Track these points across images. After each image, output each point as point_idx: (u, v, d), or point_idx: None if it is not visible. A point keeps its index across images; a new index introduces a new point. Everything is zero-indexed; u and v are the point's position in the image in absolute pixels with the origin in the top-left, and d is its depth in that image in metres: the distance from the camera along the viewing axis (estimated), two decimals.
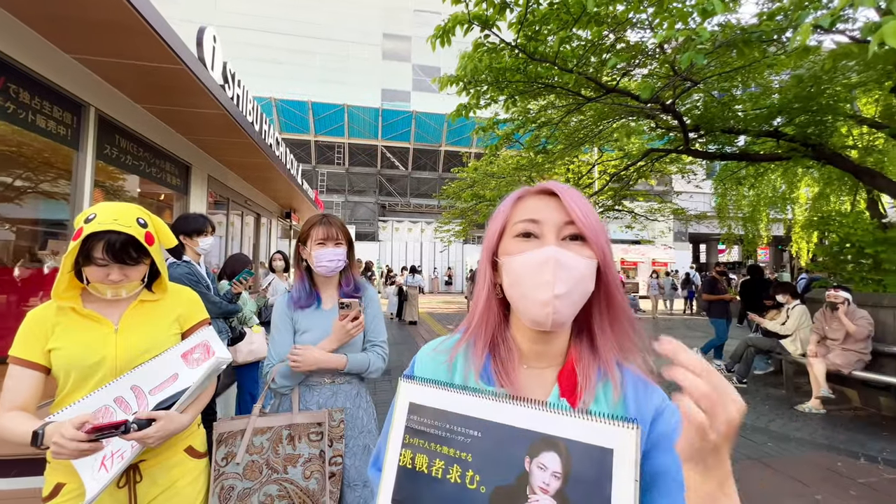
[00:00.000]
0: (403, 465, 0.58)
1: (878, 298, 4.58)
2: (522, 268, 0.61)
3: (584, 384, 0.62)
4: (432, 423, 0.59)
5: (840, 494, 2.87)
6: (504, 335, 0.68)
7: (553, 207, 0.64)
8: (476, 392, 0.58)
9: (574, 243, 0.62)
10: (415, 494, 0.56)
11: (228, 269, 3.18)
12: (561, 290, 0.58)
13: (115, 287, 1.15)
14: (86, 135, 3.18)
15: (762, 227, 12.75)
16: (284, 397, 1.49)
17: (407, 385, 0.63)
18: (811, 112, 5.19)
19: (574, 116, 6.20)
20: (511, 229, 0.66)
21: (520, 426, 0.54)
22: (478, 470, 0.54)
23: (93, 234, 1.07)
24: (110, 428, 0.98)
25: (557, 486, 0.50)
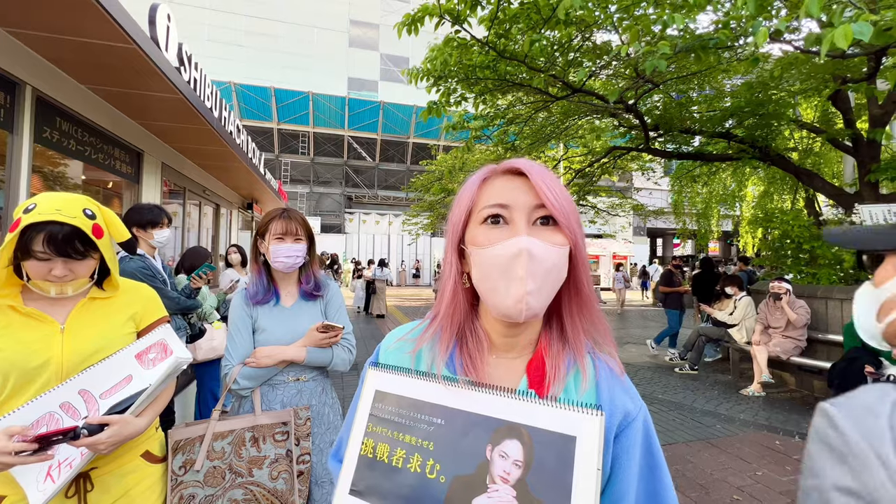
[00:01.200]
0: (364, 454, 0.57)
1: (813, 290, 4.99)
2: (492, 261, 0.57)
3: (553, 375, 0.59)
4: (397, 411, 0.57)
5: (778, 470, 3.12)
6: (472, 325, 0.65)
7: (522, 189, 0.59)
8: (443, 379, 0.57)
9: (545, 228, 0.58)
10: (373, 484, 0.55)
11: (187, 262, 3.03)
12: (533, 286, 0.55)
13: (60, 284, 1.06)
14: (21, 116, 2.91)
15: (713, 222, 13.55)
16: (245, 399, 1.45)
17: (374, 372, 0.61)
18: (759, 116, 5.54)
19: (541, 113, 6.31)
20: (477, 214, 0.61)
21: (483, 413, 0.53)
22: (438, 459, 0.53)
23: (32, 225, 0.98)
24: (57, 435, 0.91)
25: (518, 474, 0.49)
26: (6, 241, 0.99)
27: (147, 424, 1.10)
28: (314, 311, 1.55)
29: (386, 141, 23.41)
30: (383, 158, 23.96)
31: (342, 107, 21.56)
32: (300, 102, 20.94)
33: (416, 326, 0.71)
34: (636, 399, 0.61)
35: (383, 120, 22.31)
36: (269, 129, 21.56)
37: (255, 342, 1.46)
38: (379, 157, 23.78)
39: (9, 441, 0.87)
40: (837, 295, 4.78)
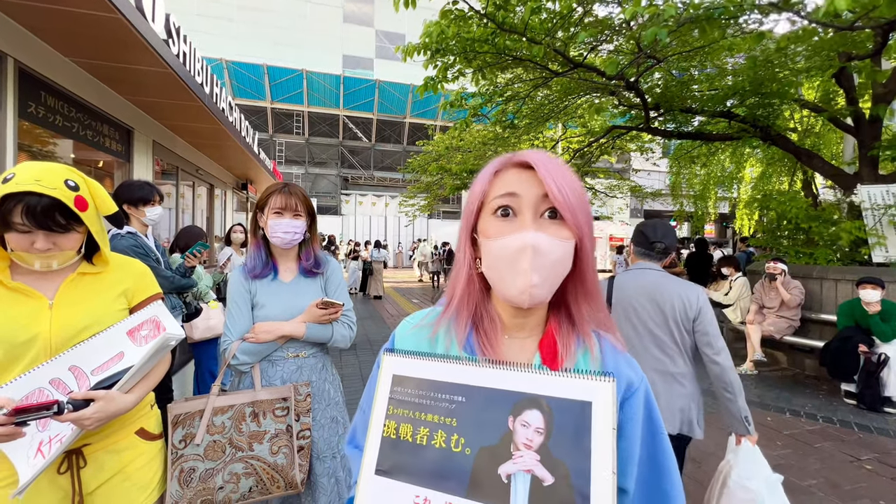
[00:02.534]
0: (387, 435, 0.59)
1: (809, 270, 5.02)
2: (499, 253, 0.61)
3: (565, 352, 0.64)
4: (416, 393, 0.60)
5: (768, 445, 3.19)
6: (486, 307, 0.69)
7: (531, 182, 0.61)
8: (460, 359, 0.60)
9: (552, 222, 0.61)
10: (399, 462, 0.57)
11: (181, 242, 2.99)
12: (538, 278, 0.58)
13: (44, 257, 1.02)
14: (4, 89, 2.81)
15: (711, 204, 13.54)
16: (245, 375, 1.44)
17: (390, 358, 0.63)
18: (761, 95, 5.46)
19: (540, 91, 6.19)
20: (489, 205, 0.64)
21: (503, 388, 0.56)
22: (462, 433, 0.56)
23: (10, 195, 0.93)
24: (39, 409, 0.89)
25: (541, 440, 0.53)
26: None
27: (136, 401, 1.08)
28: (314, 287, 1.53)
29: (382, 121, 23.02)
30: (379, 139, 23.61)
31: (337, 85, 21.09)
32: (294, 80, 20.45)
33: (429, 313, 0.74)
34: (638, 371, 0.67)
35: (379, 99, 21.88)
36: (262, 109, 21.13)
37: (253, 318, 1.44)
38: (375, 138, 23.43)
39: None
40: (832, 275, 4.82)
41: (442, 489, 0.54)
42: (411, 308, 9.22)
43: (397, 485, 0.56)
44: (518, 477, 0.52)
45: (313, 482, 1.40)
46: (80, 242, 1.08)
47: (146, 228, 2.38)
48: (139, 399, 1.09)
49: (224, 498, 1.23)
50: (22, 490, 0.92)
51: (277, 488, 1.27)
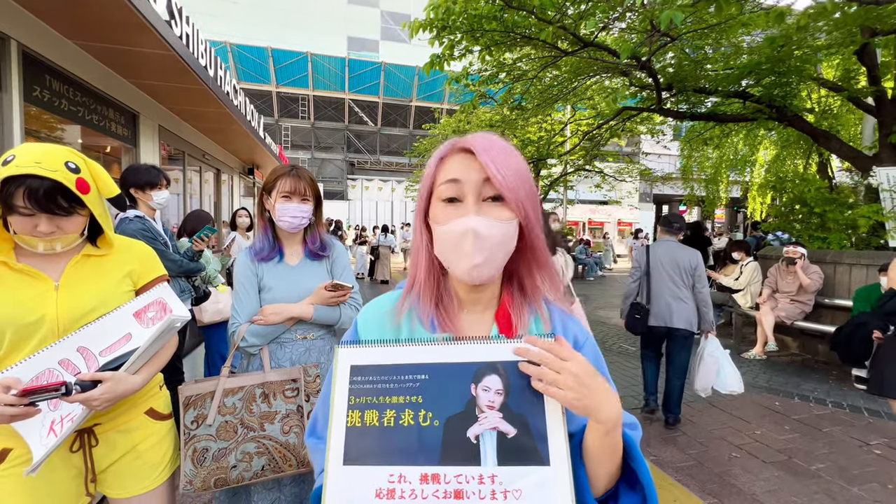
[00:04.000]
0: (352, 425, 0.60)
1: (823, 255, 4.93)
2: (445, 237, 0.65)
3: (518, 321, 0.69)
4: (378, 379, 0.62)
5: (776, 430, 3.19)
6: (445, 286, 0.72)
7: (473, 166, 0.63)
8: (418, 341, 0.63)
9: (494, 204, 0.63)
10: (368, 449, 0.59)
11: (189, 226, 3.00)
12: (480, 259, 0.62)
13: (48, 240, 1.01)
14: (8, 72, 2.80)
15: (722, 188, 13.28)
16: (254, 357, 1.45)
17: (345, 350, 0.64)
18: (778, 73, 5.28)
19: (549, 71, 6.04)
20: (436, 191, 0.67)
21: (463, 361, 0.61)
22: (429, 408, 0.59)
23: (11, 178, 0.92)
24: (48, 390, 0.90)
25: (501, 400, 0.58)
26: None
27: (143, 382, 1.08)
28: (320, 270, 1.52)
29: (388, 104, 22.76)
30: (385, 123, 23.38)
31: (342, 68, 20.82)
32: (299, 64, 20.21)
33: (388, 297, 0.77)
34: (583, 330, 0.75)
35: (385, 82, 21.59)
36: (267, 93, 20.97)
37: (260, 301, 1.44)
38: (381, 122, 23.21)
39: (3, 394, 0.86)
40: (847, 260, 4.72)
41: (415, 463, 0.57)
42: None
43: (368, 469, 0.58)
44: (486, 435, 0.57)
45: None
46: (83, 225, 1.07)
47: (154, 212, 2.38)
48: (146, 380, 1.10)
49: (237, 476, 1.25)
50: (35, 468, 0.93)
51: (290, 467, 1.29)
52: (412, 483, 0.56)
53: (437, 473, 0.57)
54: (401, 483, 0.57)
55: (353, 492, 0.57)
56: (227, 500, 1.42)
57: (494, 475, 0.56)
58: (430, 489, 0.56)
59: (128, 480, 1.15)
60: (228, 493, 1.41)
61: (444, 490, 0.56)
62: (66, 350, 1.02)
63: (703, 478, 2.56)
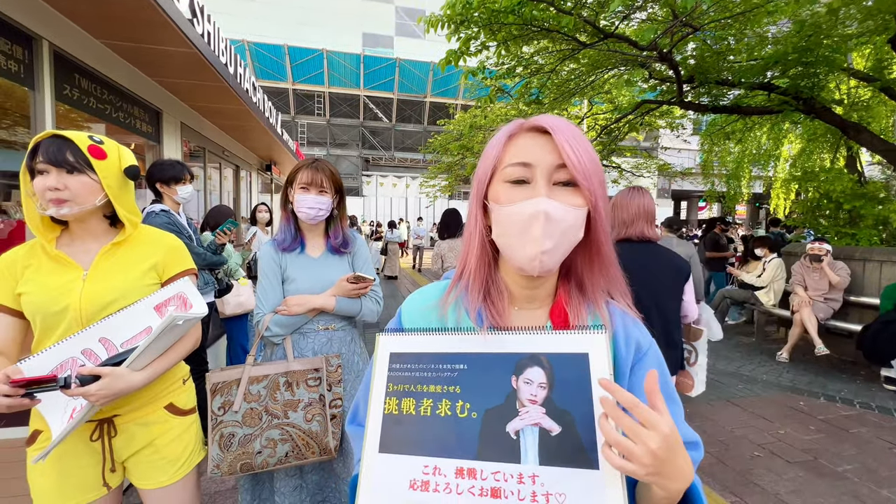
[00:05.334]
0: (389, 412, 0.59)
1: (851, 251, 4.76)
2: (510, 219, 0.60)
3: (576, 321, 0.64)
4: (416, 367, 0.60)
5: (801, 430, 3.11)
6: (494, 277, 0.68)
7: (546, 148, 0.60)
8: (457, 330, 0.61)
9: (566, 190, 0.59)
10: (404, 437, 0.58)
11: (211, 220, 3.07)
12: (548, 245, 0.58)
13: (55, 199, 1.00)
14: (41, 72, 2.89)
15: (744, 183, 12.92)
16: (277, 347, 1.48)
17: (385, 338, 0.64)
18: (806, 64, 5.09)
19: (567, 65, 5.95)
20: (501, 172, 0.63)
21: (503, 351, 0.58)
22: (467, 399, 0.57)
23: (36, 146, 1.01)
24: (43, 382, 0.91)
25: (544, 394, 0.55)
26: (22, 163, 1.02)
27: (145, 380, 1.06)
28: (342, 263, 1.54)
29: (402, 100, 22.78)
30: (400, 119, 23.42)
31: (357, 65, 20.90)
32: (314, 61, 20.37)
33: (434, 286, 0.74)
34: (647, 336, 0.68)
35: (399, 78, 21.60)
36: (284, 90, 21.20)
37: (284, 292, 1.47)
38: (395, 118, 23.26)
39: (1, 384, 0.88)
40: (877, 257, 4.56)
41: (451, 455, 0.55)
42: None
43: (404, 459, 0.56)
44: (526, 431, 0.54)
45: (345, 449, 1.45)
46: (93, 193, 1.06)
47: (178, 206, 2.44)
48: (151, 378, 1.07)
49: (262, 462, 1.28)
50: (45, 455, 0.96)
51: (312, 454, 1.31)
52: (447, 476, 0.54)
53: (473, 468, 0.54)
54: (435, 475, 0.55)
55: (388, 481, 0.56)
56: (251, 487, 1.46)
57: (535, 475, 0.52)
58: (466, 484, 0.53)
59: (147, 473, 1.17)
60: (252, 479, 1.45)
61: (480, 486, 0.53)
62: (89, 340, 1.04)
63: (724, 477, 2.52)
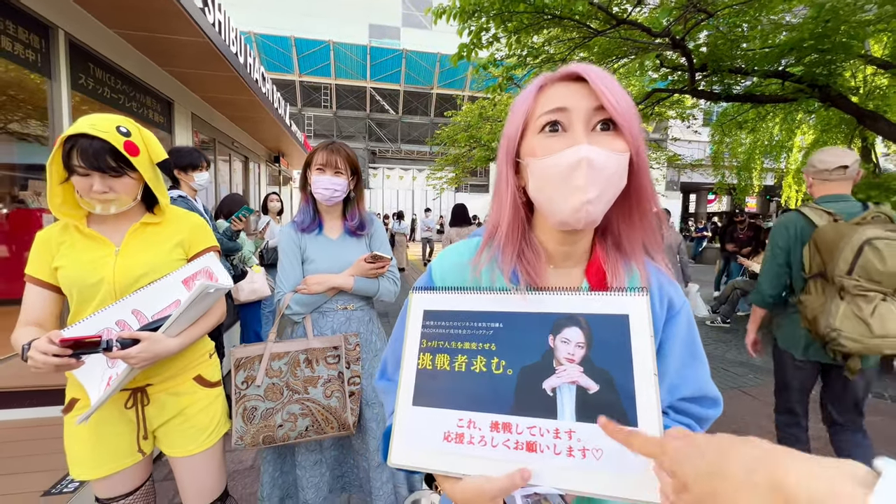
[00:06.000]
0: (423, 367, 0.60)
1: None
2: (550, 171, 0.57)
3: (613, 279, 0.63)
4: (451, 325, 0.61)
5: (813, 418, 3.10)
6: (529, 238, 0.66)
7: (581, 93, 0.57)
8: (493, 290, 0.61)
9: (605, 134, 0.57)
10: (437, 392, 0.58)
11: (224, 209, 3.10)
12: (594, 194, 0.55)
13: (103, 200, 1.07)
14: (57, 61, 2.93)
15: (755, 175, 12.74)
16: (297, 325, 1.51)
17: (419, 295, 0.64)
18: (822, 51, 5.00)
19: (577, 54, 5.89)
20: (534, 124, 0.60)
21: (540, 311, 0.58)
22: (503, 356, 0.57)
23: (69, 139, 1.01)
24: (88, 342, 0.96)
25: (582, 353, 0.55)
26: (51, 155, 1.03)
27: (180, 345, 1.12)
28: (359, 244, 1.56)
29: (409, 92, 22.69)
30: (406, 111, 23.35)
31: (363, 56, 20.84)
32: (321, 53, 20.34)
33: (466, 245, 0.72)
34: (681, 295, 0.68)
35: (406, 70, 21.50)
36: (291, 82, 21.21)
37: (303, 272, 1.49)
38: (402, 110, 23.19)
39: (50, 345, 0.94)
40: None
41: (486, 410, 0.55)
42: None
43: (438, 412, 0.57)
44: (563, 389, 0.54)
45: (363, 426, 1.48)
46: (135, 189, 1.13)
47: (195, 193, 2.48)
48: (185, 344, 1.14)
49: (283, 435, 1.31)
50: (86, 417, 1.01)
51: (331, 429, 1.35)
52: (482, 430, 0.55)
53: (508, 422, 0.54)
54: (470, 428, 0.55)
55: (422, 432, 0.57)
56: (273, 461, 1.50)
57: (572, 430, 0.52)
58: (501, 438, 0.54)
59: (177, 440, 1.22)
60: (275, 453, 1.49)
61: (515, 440, 0.53)
62: (123, 311, 1.09)
63: None
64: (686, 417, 0.67)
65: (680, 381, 0.66)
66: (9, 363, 2.69)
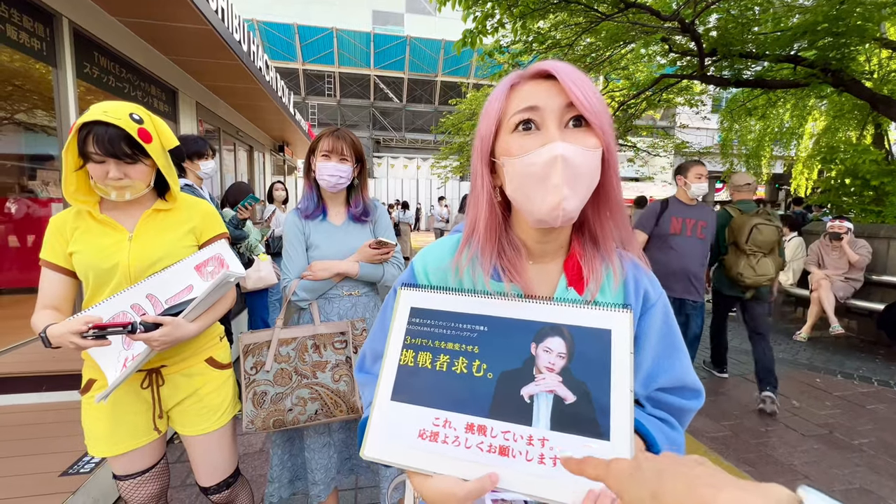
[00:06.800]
0: (404, 363, 0.60)
1: (876, 229, 4.65)
2: (527, 170, 0.58)
3: (589, 274, 0.64)
4: (436, 324, 0.61)
5: (816, 405, 3.11)
6: (508, 236, 0.67)
7: (552, 91, 0.57)
8: (482, 293, 0.62)
9: (578, 131, 0.57)
10: (417, 389, 0.59)
11: (231, 197, 3.12)
12: (569, 191, 0.56)
13: (118, 186, 1.09)
14: (62, 49, 2.93)
15: (764, 163, 12.55)
16: (304, 312, 1.53)
17: (407, 292, 0.64)
18: (836, 34, 4.87)
19: (584, 39, 5.79)
20: (507, 123, 0.60)
21: (525, 318, 0.58)
22: (484, 359, 0.58)
23: (84, 126, 1.03)
24: (116, 326, 1.01)
25: (563, 364, 0.55)
26: (66, 142, 1.05)
27: (198, 330, 1.17)
28: (363, 230, 1.57)
29: (413, 80, 22.46)
30: (410, 99, 23.15)
31: (367, 43, 20.60)
32: (324, 40, 20.13)
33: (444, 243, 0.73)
34: (657, 288, 0.68)
35: (410, 57, 21.26)
36: (294, 70, 21.06)
37: (308, 259, 1.51)
38: (406, 98, 22.99)
39: (82, 325, 0.98)
40: None
41: (463, 411, 0.56)
42: None
43: (415, 409, 0.58)
44: (540, 397, 0.54)
45: None
46: (149, 176, 1.15)
47: (201, 182, 2.49)
48: (202, 328, 1.19)
49: (293, 419, 1.34)
50: (105, 395, 1.05)
51: (340, 412, 1.37)
52: (457, 430, 0.56)
53: (483, 425, 0.55)
54: (445, 428, 0.56)
55: (398, 427, 0.57)
56: (283, 444, 1.53)
57: (545, 438, 0.53)
58: (475, 440, 0.55)
59: (191, 420, 1.26)
60: (284, 437, 1.52)
61: (489, 443, 0.54)
62: (137, 296, 1.12)
63: (738, 447, 2.55)
64: (661, 410, 0.67)
65: (656, 370, 0.66)
66: (23, 349, 2.75)
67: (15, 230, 3.50)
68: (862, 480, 2.24)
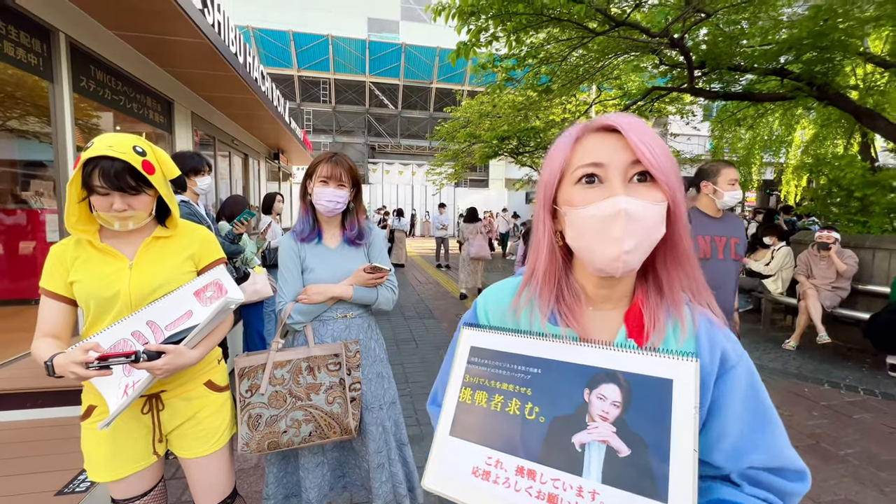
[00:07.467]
0: (463, 400, 0.63)
1: (862, 239, 4.75)
2: (588, 221, 0.58)
3: (652, 325, 0.61)
4: (493, 363, 0.63)
5: (804, 415, 3.17)
6: (568, 280, 0.67)
7: (618, 146, 0.58)
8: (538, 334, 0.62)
9: (642, 185, 0.57)
10: (472, 426, 0.61)
11: (227, 210, 3.13)
12: (631, 245, 0.55)
13: (122, 217, 1.12)
14: (59, 64, 2.95)
15: (754, 170, 12.76)
16: (298, 333, 1.55)
17: (469, 331, 0.67)
18: (821, 49, 5.00)
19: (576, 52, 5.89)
20: (571, 175, 0.61)
21: (580, 362, 0.57)
22: (537, 402, 0.58)
23: (89, 160, 1.06)
24: (120, 356, 1.03)
25: (617, 413, 0.53)
26: (71, 176, 1.08)
27: (199, 356, 1.19)
28: (358, 253, 1.60)
29: (408, 87, 22.59)
30: (405, 106, 23.27)
31: (362, 50, 20.72)
32: (320, 47, 20.23)
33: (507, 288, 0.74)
34: (738, 348, 0.62)
35: (405, 64, 21.39)
36: (289, 77, 21.11)
37: (303, 282, 1.53)
38: (401, 105, 23.10)
39: (85, 354, 1.00)
40: (887, 245, 4.54)
41: (514, 453, 0.56)
42: (438, 275, 9.37)
43: (470, 446, 0.59)
44: (592, 447, 0.53)
45: (363, 430, 1.53)
46: (151, 205, 1.18)
47: (197, 198, 2.51)
48: (203, 354, 1.20)
49: (288, 440, 1.37)
50: (108, 422, 1.07)
51: (334, 433, 1.40)
52: (507, 471, 0.56)
53: (533, 470, 0.55)
54: (497, 468, 0.56)
55: (454, 462, 0.59)
56: (278, 463, 1.55)
57: (596, 492, 0.50)
58: (525, 483, 0.54)
59: (190, 443, 1.28)
60: (279, 456, 1.54)
61: (538, 489, 0.53)
62: (138, 323, 1.14)
63: None
64: (765, 491, 0.60)
65: (746, 445, 0.59)
66: (15, 364, 2.74)
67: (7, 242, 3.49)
68: (847, 491, 2.29)
